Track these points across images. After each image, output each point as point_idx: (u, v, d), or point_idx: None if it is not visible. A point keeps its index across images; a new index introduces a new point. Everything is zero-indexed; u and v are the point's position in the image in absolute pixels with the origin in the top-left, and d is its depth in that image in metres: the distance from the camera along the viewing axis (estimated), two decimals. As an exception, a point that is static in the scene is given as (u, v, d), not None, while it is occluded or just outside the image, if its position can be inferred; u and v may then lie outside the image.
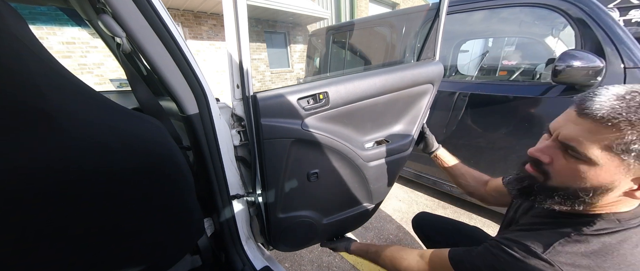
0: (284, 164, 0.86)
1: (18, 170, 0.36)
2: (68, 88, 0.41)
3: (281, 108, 0.80)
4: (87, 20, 1.10)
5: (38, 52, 0.37)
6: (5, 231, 0.38)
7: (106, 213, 0.49)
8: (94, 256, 0.52)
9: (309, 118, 0.85)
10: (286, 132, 0.82)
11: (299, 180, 0.93)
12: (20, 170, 0.36)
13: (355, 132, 0.98)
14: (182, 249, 0.77)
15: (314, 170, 0.93)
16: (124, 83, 4.72)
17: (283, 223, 1.00)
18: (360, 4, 8.80)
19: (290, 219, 1.00)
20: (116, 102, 0.50)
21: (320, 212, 1.08)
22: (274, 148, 0.82)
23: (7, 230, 0.38)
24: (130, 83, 0.79)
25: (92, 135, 0.43)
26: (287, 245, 1.11)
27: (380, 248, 0.93)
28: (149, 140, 0.54)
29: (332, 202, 1.08)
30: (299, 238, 1.11)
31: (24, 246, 0.41)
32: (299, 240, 1.12)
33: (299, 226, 1.05)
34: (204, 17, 6.57)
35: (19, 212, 0.39)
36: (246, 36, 0.70)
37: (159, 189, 0.58)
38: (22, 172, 0.37)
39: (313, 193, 1.00)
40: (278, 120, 0.80)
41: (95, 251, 0.51)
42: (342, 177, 1.02)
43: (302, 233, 1.09)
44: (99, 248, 0.51)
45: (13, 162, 0.35)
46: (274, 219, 0.96)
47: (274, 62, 8.32)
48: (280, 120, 0.80)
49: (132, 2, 0.55)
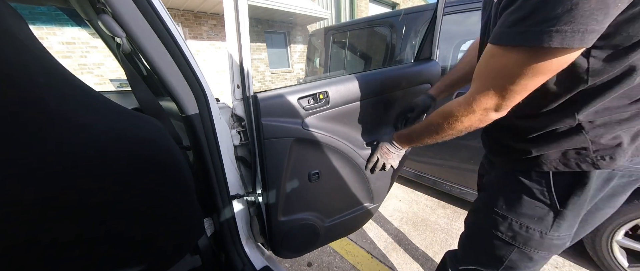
0: (285, 164, 0.86)
1: (18, 171, 0.36)
2: (68, 88, 0.41)
3: (282, 108, 0.80)
4: (87, 20, 1.10)
5: (38, 52, 0.37)
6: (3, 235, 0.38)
7: (106, 214, 0.49)
8: (94, 257, 0.51)
9: (310, 118, 0.85)
10: (287, 131, 0.82)
11: (300, 180, 0.92)
12: (20, 170, 0.36)
13: (356, 131, 0.98)
14: (182, 249, 0.77)
15: (315, 170, 0.93)
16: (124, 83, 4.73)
17: (284, 226, 0.99)
18: (360, 4, 8.80)
19: (291, 222, 0.99)
20: (116, 102, 0.50)
21: (321, 214, 1.07)
22: (274, 148, 0.82)
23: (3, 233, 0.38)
24: (130, 84, 0.79)
25: (91, 135, 0.43)
26: (290, 251, 1.08)
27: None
28: (149, 140, 0.54)
29: (333, 202, 1.08)
30: (301, 243, 1.09)
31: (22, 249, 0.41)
32: (301, 244, 1.10)
33: (301, 230, 1.04)
34: (204, 17, 6.57)
35: (17, 215, 0.39)
36: (247, 36, 0.70)
37: (158, 189, 0.58)
38: (22, 173, 0.36)
39: (314, 194, 0.99)
40: (279, 120, 0.80)
41: (96, 251, 0.51)
42: (343, 177, 1.01)
43: (304, 237, 1.07)
44: (98, 248, 0.51)
45: (12, 163, 0.35)
46: (276, 223, 0.96)
47: (274, 62, 8.32)
48: (280, 119, 0.80)
49: (132, 2, 0.55)
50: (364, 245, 1.75)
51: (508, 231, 0.64)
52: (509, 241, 0.64)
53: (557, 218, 0.57)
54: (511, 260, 0.66)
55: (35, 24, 4.42)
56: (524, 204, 0.61)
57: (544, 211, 0.58)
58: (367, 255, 1.66)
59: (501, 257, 0.67)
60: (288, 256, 1.10)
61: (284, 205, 0.94)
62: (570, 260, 1.52)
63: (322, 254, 1.68)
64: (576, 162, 0.53)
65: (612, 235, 1.28)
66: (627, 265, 1.30)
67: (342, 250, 1.71)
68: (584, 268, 1.46)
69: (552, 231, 0.59)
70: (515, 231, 0.63)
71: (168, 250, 0.70)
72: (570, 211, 0.57)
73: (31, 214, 0.40)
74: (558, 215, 0.57)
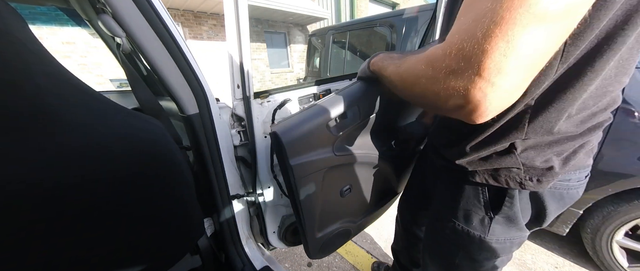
0: (319, 194, 0.79)
1: (18, 171, 0.36)
2: (68, 88, 0.41)
3: (309, 141, 0.67)
4: (87, 20, 1.10)
5: (38, 52, 0.37)
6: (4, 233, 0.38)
7: (106, 214, 0.49)
8: (94, 257, 0.51)
9: (340, 140, 0.75)
10: (319, 165, 0.72)
11: (333, 199, 0.86)
12: (20, 170, 0.36)
13: (382, 136, 0.91)
14: (182, 249, 0.77)
15: (347, 186, 0.87)
16: (124, 84, 4.72)
17: (321, 240, 0.95)
18: (360, 4, 8.80)
19: (327, 235, 0.96)
20: (116, 102, 0.50)
21: (353, 216, 1.04)
22: (307, 184, 0.74)
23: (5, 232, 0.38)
24: (130, 84, 0.79)
25: (92, 136, 0.43)
26: (326, 254, 1.06)
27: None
28: (149, 140, 0.54)
29: (363, 205, 1.05)
30: (337, 245, 1.07)
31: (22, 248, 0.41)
32: (337, 246, 1.08)
33: (337, 237, 1.01)
34: (204, 17, 6.57)
35: (18, 213, 0.39)
36: (247, 36, 0.70)
37: (158, 189, 0.58)
38: (22, 173, 0.36)
39: (346, 205, 0.95)
40: (308, 156, 0.68)
41: (96, 251, 0.51)
42: (372, 182, 0.97)
43: (340, 241, 1.06)
44: (99, 248, 0.51)
45: (13, 163, 0.35)
46: (312, 241, 0.90)
47: (274, 62, 8.32)
48: (311, 154, 0.68)
49: (132, 2, 0.55)
50: (364, 245, 1.75)
51: (452, 235, 0.66)
52: (454, 244, 0.67)
53: (492, 223, 0.59)
54: (459, 264, 0.68)
55: (35, 24, 4.42)
56: (464, 209, 0.62)
57: (480, 217, 0.60)
58: (367, 255, 1.66)
59: (451, 260, 0.69)
60: (321, 257, 1.08)
61: (318, 224, 0.89)
62: (570, 260, 1.52)
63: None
64: (505, 178, 0.53)
65: (612, 235, 1.28)
66: (627, 265, 1.30)
67: (342, 250, 1.71)
68: (584, 268, 1.46)
69: (490, 235, 0.60)
70: (458, 234, 0.64)
71: (168, 249, 0.70)
72: (501, 219, 0.57)
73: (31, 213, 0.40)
74: (492, 220, 0.58)
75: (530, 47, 0.27)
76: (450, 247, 0.68)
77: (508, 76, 0.28)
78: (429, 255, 0.79)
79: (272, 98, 0.88)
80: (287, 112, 0.92)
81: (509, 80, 0.28)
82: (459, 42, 0.30)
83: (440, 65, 0.33)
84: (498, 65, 0.27)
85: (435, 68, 0.34)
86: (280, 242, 1.13)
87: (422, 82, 0.38)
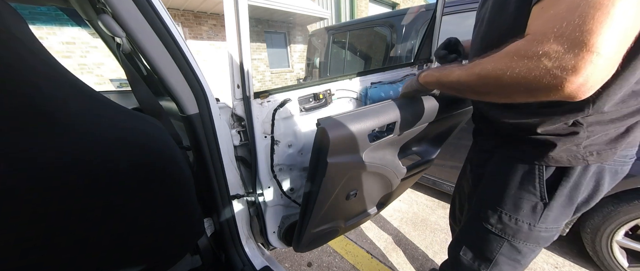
0: (334, 193, 0.81)
1: (18, 171, 0.36)
2: (68, 88, 0.41)
3: (350, 144, 0.68)
4: (87, 20, 1.10)
5: (38, 52, 0.37)
6: (5, 231, 0.38)
7: (106, 214, 0.49)
8: (95, 257, 0.51)
9: (369, 150, 0.75)
10: (349, 166, 0.73)
11: (339, 199, 0.89)
12: (20, 170, 0.36)
13: (397, 153, 0.94)
14: (182, 249, 0.77)
15: (354, 190, 0.90)
16: (124, 84, 4.72)
17: (314, 235, 0.99)
18: (360, 4, 8.80)
19: (321, 231, 1.01)
20: (116, 102, 0.50)
21: (347, 218, 1.09)
22: (332, 182, 0.75)
23: (7, 229, 0.38)
24: (130, 84, 0.79)
25: (92, 136, 0.43)
26: (310, 249, 1.13)
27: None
28: (149, 140, 0.54)
29: (359, 211, 1.09)
30: (322, 242, 1.13)
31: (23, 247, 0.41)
32: (322, 243, 1.14)
33: (326, 234, 1.06)
34: (204, 17, 6.57)
35: (18, 212, 0.39)
36: (247, 36, 0.70)
37: (159, 189, 0.58)
38: (22, 173, 0.36)
39: (346, 207, 0.99)
40: (344, 157, 0.69)
41: (96, 251, 0.51)
42: (375, 192, 1.02)
43: (327, 238, 1.11)
44: (99, 248, 0.51)
45: (13, 163, 0.35)
46: (308, 235, 0.94)
47: (274, 62, 8.31)
48: (346, 156, 0.69)
49: (132, 2, 0.55)
50: (364, 245, 1.75)
51: (498, 224, 0.65)
52: (499, 234, 0.66)
53: (545, 210, 0.59)
54: (501, 253, 0.67)
55: (35, 24, 4.42)
56: (514, 196, 0.62)
57: (532, 204, 0.60)
58: (367, 255, 1.66)
59: (492, 251, 0.69)
60: (304, 251, 1.11)
61: (319, 220, 0.92)
62: (570, 260, 1.52)
63: (322, 254, 1.68)
64: (567, 157, 0.54)
65: (612, 235, 1.28)
66: (627, 265, 1.30)
67: (342, 250, 1.71)
68: (584, 268, 1.46)
69: (539, 223, 0.60)
70: (504, 224, 0.64)
71: (168, 249, 0.70)
72: (557, 203, 0.58)
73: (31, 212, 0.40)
74: (546, 207, 0.59)
75: (626, 22, 0.32)
76: (492, 238, 0.68)
77: (611, 48, 0.33)
78: (465, 244, 0.77)
79: (272, 98, 0.88)
80: (287, 112, 0.92)
81: (613, 51, 0.33)
82: (556, 29, 0.35)
83: (535, 53, 0.36)
84: (603, 39, 0.32)
85: (530, 57, 0.37)
86: (280, 242, 1.13)
87: (514, 73, 0.40)
